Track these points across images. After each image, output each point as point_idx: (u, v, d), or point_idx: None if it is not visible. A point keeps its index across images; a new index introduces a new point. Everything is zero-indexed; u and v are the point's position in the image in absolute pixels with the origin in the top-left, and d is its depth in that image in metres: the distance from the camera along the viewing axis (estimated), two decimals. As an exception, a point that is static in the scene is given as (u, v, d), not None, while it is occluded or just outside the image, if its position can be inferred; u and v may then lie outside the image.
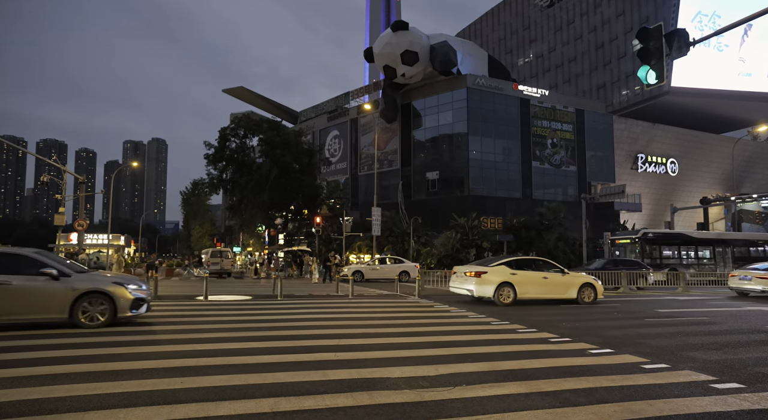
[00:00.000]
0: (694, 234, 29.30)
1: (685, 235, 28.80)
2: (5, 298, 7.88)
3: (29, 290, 8.05)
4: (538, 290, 13.46)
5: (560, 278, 13.76)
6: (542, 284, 13.50)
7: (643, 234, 26.95)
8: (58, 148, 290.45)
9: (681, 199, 58.45)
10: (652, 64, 9.59)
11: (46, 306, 8.16)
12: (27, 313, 8.11)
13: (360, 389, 4.86)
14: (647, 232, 27.51)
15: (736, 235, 31.32)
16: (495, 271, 13.23)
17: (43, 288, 8.12)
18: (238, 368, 5.64)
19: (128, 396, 4.51)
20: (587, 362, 6.29)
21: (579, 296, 13.73)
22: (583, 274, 14.86)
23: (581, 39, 72.45)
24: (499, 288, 13.01)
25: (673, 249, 27.50)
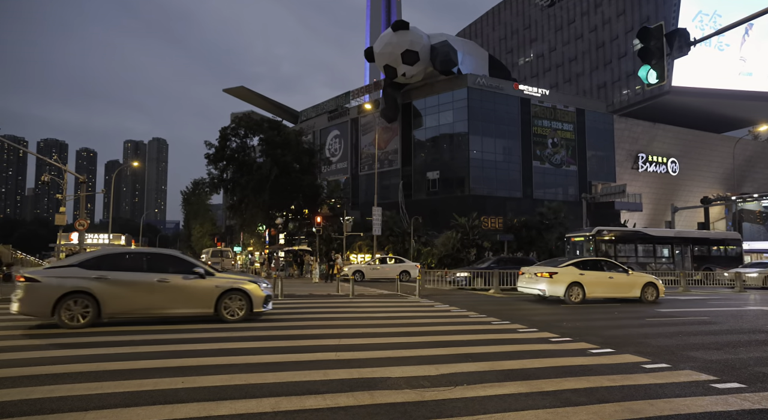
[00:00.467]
0: (651, 232, 28.39)
1: (642, 232, 27.98)
2: (166, 293, 8.93)
3: (184, 287, 9.10)
4: (605, 290, 14.14)
5: (625, 278, 14.44)
6: (608, 284, 14.17)
7: (597, 231, 26.10)
8: (58, 148, 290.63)
9: (682, 198, 58.41)
10: (652, 63, 9.58)
11: (197, 301, 9.19)
12: (182, 308, 9.15)
13: (361, 389, 4.86)
14: (601, 229, 26.56)
15: (697, 234, 30.37)
16: (565, 272, 13.92)
17: (195, 285, 9.18)
18: (239, 368, 5.65)
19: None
20: (588, 362, 6.29)
21: (642, 295, 14.33)
22: (645, 274, 15.63)
23: (582, 38, 72.40)
24: (569, 288, 13.71)
25: (629, 247, 26.58)
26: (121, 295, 8.62)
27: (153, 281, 8.85)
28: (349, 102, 58.91)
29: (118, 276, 8.66)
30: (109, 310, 8.58)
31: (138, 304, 8.81)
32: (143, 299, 8.81)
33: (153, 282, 8.85)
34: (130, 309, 8.82)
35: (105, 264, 8.77)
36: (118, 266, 8.81)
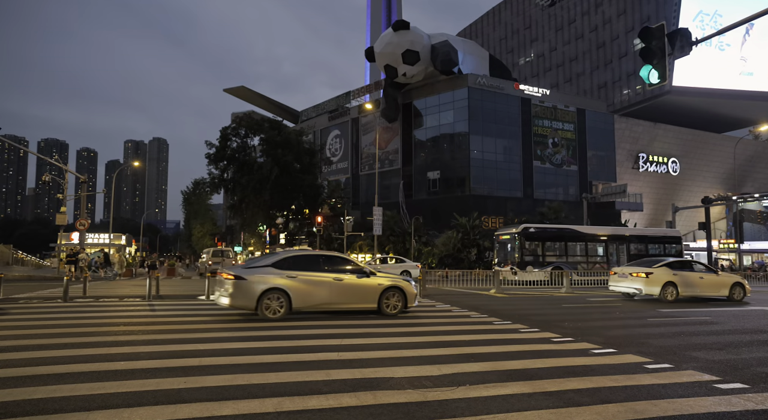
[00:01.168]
0: (583, 229, 26.83)
1: (573, 230, 26.45)
2: (340, 290, 10.16)
3: (354, 285, 10.32)
4: (696, 289, 14.91)
5: (715, 278, 15.31)
6: (699, 284, 14.97)
7: (522, 228, 24.82)
8: (59, 148, 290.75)
9: (682, 198, 58.39)
10: (654, 63, 9.57)
11: (364, 297, 10.42)
12: (353, 303, 10.36)
13: (363, 389, 4.86)
14: (528, 226, 25.31)
15: (633, 231, 28.77)
16: (659, 273, 14.78)
17: (362, 283, 10.41)
18: (241, 368, 5.64)
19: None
20: (590, 362, 6.29)
21: (730, 294, 15.13)
22: (733, 275, 16.31)
23: (582, 38, 72.36)
24: (665, 287, 14.60)
25: (559, 245, 25.32)
26: (307, 292, 9.86)
27: (331, 280, 10.09)
28: (349, 102, 58.91)
29: (304, 275, 9.93)
30: (297, 305, 9.84)
31: (319, 299, 10.04)
32: (323, 295, 10.04)
33: (331, 280, 10.09)
34: (313, 304, 10.08)
35: (293, 265, 10.02)
36: (302, 267, 10.05)
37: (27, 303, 12.34)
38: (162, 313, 10.75)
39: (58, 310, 10.85)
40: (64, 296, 12.55)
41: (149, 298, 13.23)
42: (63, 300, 12.48)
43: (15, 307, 11.48)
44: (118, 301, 13.05)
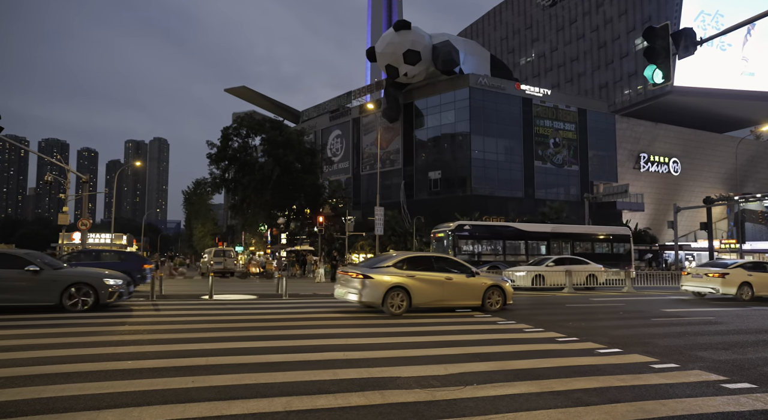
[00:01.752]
0: (523, 227, 25.70)
1: (512, 227, 25.42)
2: (451, 288, 11.13)
3: (463, 283, 11.32)
4: None
5: None
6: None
7: (457, 226, 23.82)
8: (60, 148, 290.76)
9: (684, 198, 58.34)
10: (658, 63, 9.56)
11: (471, 295, 11.38)
12: (461, 300, 11.33)
13: (371, 388, 4.86)
14: (462, 223, 24.49)
15: (579, 229, 27.46)
16: (735, 273, 15.45)
17: (469, 282, 11.35)
18: (248, 367, 5.64)
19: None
20: (596, 362, 6.28)
21: None
22: None
23: (583, 38, 72.33)
24: (741, 287, 15.32)
25: (496, 244, 24.41)
26: (424, 290, 10.75)
27: (443, 279, 11.04)
28: (350, 102, 58.91)
29: (421, 275, 10.87)
30: (416, 302, 10.73)
31: (434, 296, 10.93)
32: (437, 293, 10.93)
33: (443, 280, 11.04)
34: (428, 301, 10.93)
35: (410, 265, 10.96)
36: (418, 267, 10.95)
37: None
38: (166, 312, 10.76)
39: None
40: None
41: (153, 298, 13.23)
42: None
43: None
44: (121, 301, 13.03)
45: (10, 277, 9.73)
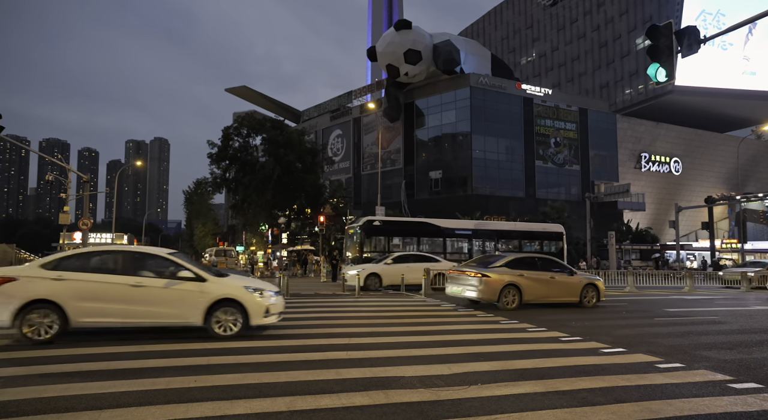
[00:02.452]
0: (441, 223, 23.72)
1: (429, 224, 23.38)
2: (554, 286, 12.10)
3: (564, 282, 12.27)
4: None
5: None
6: None
7: (365, 222, 22.38)
8: (60, 148, 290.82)
9: (685, 198, 58.26)
10: (662, 61, 9.51)
11: (570, 292, 12.34)
12: (562, 297, 12.20)
13: (375, 388, 4.82)
14: (372, 219, 22.95)
15: (504, 226, 25.85)
16: None
17: (569, 281, 12.38)
18: (250, 367, 5.61)
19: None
20: (601, 361, 6.24)
21: None
22: None
23: (584, 38, 72.24)
24: None
25: (411, 241, 22.82)
26: (532, 287, 11.72)
27: (548, 278, 12.04)
28: (351, 101, 58.87)
29: (529, 274, 11.80)
30: (526, 298, 11.65)
31: (540, 293, 11.86)
32: (543, 290, 11.83)
33: (548, 278, 12.04)
34: (536, 297, 11.84)
35: (519, 265, 11.87)
36: (526, 266, 11.86)
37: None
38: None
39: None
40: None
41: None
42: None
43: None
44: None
45: None
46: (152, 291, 7.10)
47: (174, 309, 7.18)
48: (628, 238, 47.00)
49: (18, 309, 6.61)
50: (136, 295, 7.03)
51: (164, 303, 7.15)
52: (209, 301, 7.22)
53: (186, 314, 7.21)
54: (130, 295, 7.00)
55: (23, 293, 6.69)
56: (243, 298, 7.39)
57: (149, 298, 7.07)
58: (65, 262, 7.14)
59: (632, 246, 45.16)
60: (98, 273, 7.13)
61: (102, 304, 6.94)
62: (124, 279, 7.09)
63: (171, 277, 7.28)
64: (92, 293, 6.91)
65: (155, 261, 7.60)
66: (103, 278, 7.06)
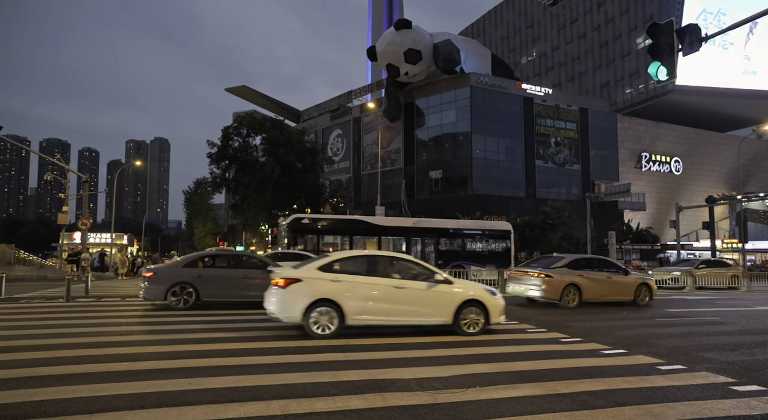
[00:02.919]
0: (375, 220, 22.72)
1: (362, 221, 22.29)
2: (611, 285, 12.76)
3: (619, 281, 12.98)
4: None
5: None
6: None
7: (293, 220, 21.43)
8: (61, 148, 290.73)
9: (685, 198, 58.16)
10: (663, 59, 9.43)
11: (625, 291, 12.95)
12: (617, 296, 12.88)
13: (372, 391, 4.75)
14: (300, 216, 21.99)
15: (447, 224, 24.30)
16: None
17: (624, 280, 13.03)
18: (246, 369, 5.54)
19: (138, 397, 4.41)
20: (601, 363, 6.16)
21: None
22: None
23: (585, 37, 72.14)
24: None
25: (343, 240, 21.72)
26: (591, 287, 12.28)
27: (604, 278, 12.71)
28: (351, 101, 58.79)
29: (588, 274, 12.46)
30: (586, 297, 12.26)
31: (598, 293, 12.44)
32: (600, 290, 12.40)
33: (604, 278, 12.71)
34: (595, 297, 12.41)
35: (578, 265, 12.58)
36: (585, 267, 12.50)
37: (28, 303, 12.26)
38: (164, 312, 10.65)
39: (61, 310, 10.76)
40: (66, 296, 12.47)
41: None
42: (65, 300, 12.40)
43: (17, 306, 11.39)
44: (120, 300, 12.96)
45: (255, 276, 11.09)
46: (413, 292, 7.94)
47: (430, 309, 7.97)
48: (629, 237, 46.94)
49: (307, 306, 7.51)
50: (400, 296, 7.83)
51: (423, 304, 7.97)
52: (458, 302, 8.03)
53: (439, 314, 7.98)
54: (394, 296, 7.81)
55: (311, 292, 7.55)
56: (485, 298, 8.21)
57: (411, 299, 7.91)
58: (337, 265, 8.03)
59: (633, 246, 45.11)
60: (365, 275, 7.98)
61: (371, 304, 7.76)
62: (388, 281, 7.93)
63: (428, 280, 8.09)
64: (363, 294, 7.75)
65: (407, 264, 8.39)
66: (371, 280, 7.85)
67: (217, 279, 11.12)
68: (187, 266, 11.20)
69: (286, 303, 7.52)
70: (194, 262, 11.36)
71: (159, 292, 10.73)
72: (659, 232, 55.61)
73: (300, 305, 7.44)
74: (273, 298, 7.65)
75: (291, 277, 7.64)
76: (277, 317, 7.66)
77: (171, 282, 10.77)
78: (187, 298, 10.80)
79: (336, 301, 7.51)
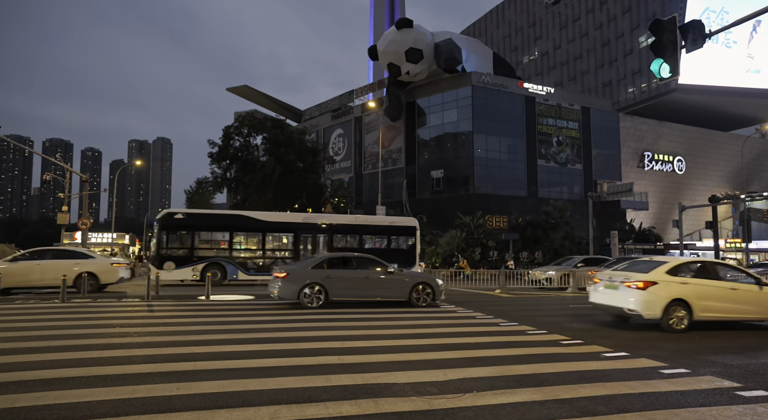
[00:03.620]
0: (259, 215, 21.03)
1: (244, 217, 20.81)
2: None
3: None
4: None
5: None
6: None
7: (165, 215, 19.66)
8: (63, 148, 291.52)
9: (688, 197, 57.80)
10: (665, 56, 9.25)
11: None
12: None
13: (365, 396, 4.60)
14: (173, 212, 20.15)
15: (342, 219, 22.97)
16: None
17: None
18: (238, 373, 5.40)
19: (123, 402, 4.27)
20: (602, 367, 6.01)
21: None
22: None
23: (587, 36, 71.80)
24: None
25: (222, 236, 20.18)
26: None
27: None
28: (352, 101, 58.63)
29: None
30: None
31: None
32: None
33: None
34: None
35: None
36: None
37: (23, 303, 12.15)
38: (160, 314, 10.53)
39: (54, 311, 10.65)
40: (62, 296, 12.36)
41: (148, 299, 13.02)
42: (60, 300, 12.29)
43: (10, 307, 11.28)
44: (117, 301, 12.84)
45: (377, 277, 12.32)
46: (745, 293, 9.24)
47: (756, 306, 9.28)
48: (631, 237, 46.66)
49: (666, 305, 8.84)
50: (733, 296, 9.15)
51: (755, 303, 9.26)
52: None
53: None
54: (729, 296, 9.14)
55: (667, 294, 8.92)
56: None
57: (744, 299, 9.22)
58: (680, 269, 9.52)
59: (635, 245, 44.81)
60: (705, 278, 9.33)
61: (712, 303, 9.03)
62: (724, 284, 9.34)
63: (759, 284, 9.45)
64: (707, 294, 9.04)
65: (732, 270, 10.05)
66: (708, 283, 9.20)
67: (343, 280, 12.13)
68: (316, 268, 12.19)
69: None
70: (320, 264, 12.35)
71: (292, 292, 11.83)
72: (662, 231, 55.28)
73: (660, 304, 8.92)
74: None
75: (648, 280, 9.14)
76: None
77: (304, 282, 11.84)
78: (319, 296, 11.84)
79: (687, 301, 9.04)
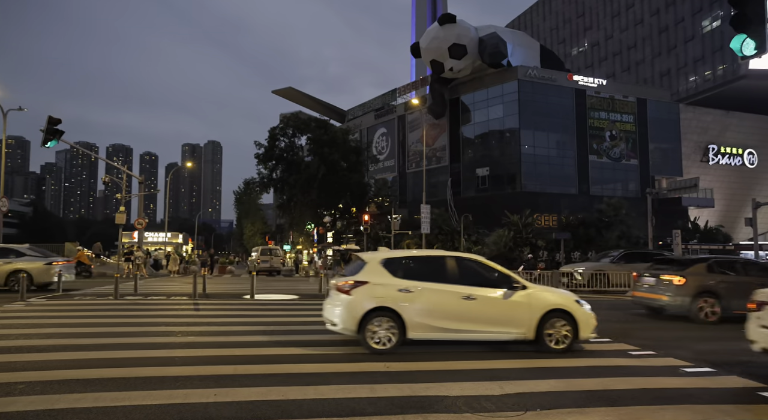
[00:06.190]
0: None
1: None
2: None
3: None
4: None
5: None
6: None
7: None
8: (124, 152, 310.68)
9: (761, 193, 53.09)
10: (750, 31, 8.17)
11: None
12: None
13: (413, 411, 4.17)
14: None
15: None
16: None
17: None
18: (278, 379, 5.11)
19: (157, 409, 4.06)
20: (684, 385, 5.25)
21: None
22: None
23: (642, 23, 67.75)
24: None
25: None
26: None
27: None
28: (395, 99, 58.31)
29: None
30: None
31: None
32: None
33: None
34: None
35: None
36: None
37: (80, 300, 12.63)
38: (205, 313, 10.57)
39: (107, 308, 10.95)
40: (115, 293, 12.76)
41: (195, 297, 13.20)
42: (114, 297, 12.69)
43: (68, 303, 11.73)
44: (166, 299, 13.11)
45: None
46: None
47: None
48: (696, 236, 43.41)
49: None
50: None
51: None
52: None
53: None
54: None
55: None
56: None
57: None
58: None
59: (701, 245, 41.59)
60: None
61: None
62: None
63: None
64: None
65: None
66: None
67: None
68: None
69: None
70: None
71: None
72: (731, 230, 51.13)
73: None
74: None
75: None
76: None
77: None
78: None
79: None
